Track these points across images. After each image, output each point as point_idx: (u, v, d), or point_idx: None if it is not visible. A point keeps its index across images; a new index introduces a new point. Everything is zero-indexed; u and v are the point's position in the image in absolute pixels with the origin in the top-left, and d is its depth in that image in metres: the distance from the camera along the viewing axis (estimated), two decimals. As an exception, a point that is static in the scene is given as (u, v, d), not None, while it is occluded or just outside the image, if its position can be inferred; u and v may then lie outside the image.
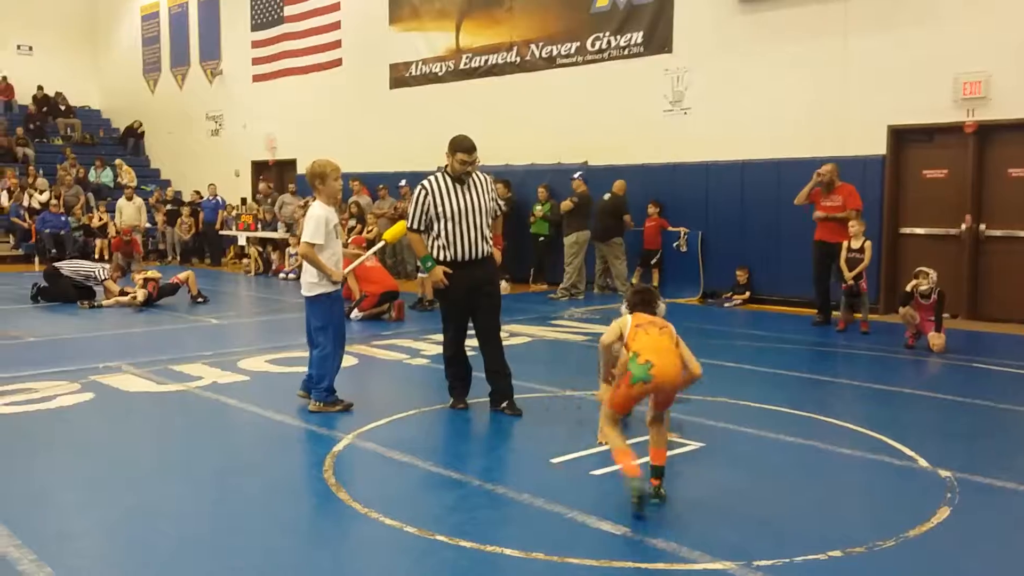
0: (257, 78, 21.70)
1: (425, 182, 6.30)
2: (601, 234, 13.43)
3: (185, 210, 20.34)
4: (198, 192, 21.30)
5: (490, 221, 6.37)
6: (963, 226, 11.29)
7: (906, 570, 3.79)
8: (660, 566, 3.78)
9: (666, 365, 4.31)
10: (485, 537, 4.07)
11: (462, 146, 6.21)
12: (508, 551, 3.92)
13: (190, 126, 23.75)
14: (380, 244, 7.63)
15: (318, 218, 6.18)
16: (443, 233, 6.22)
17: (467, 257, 6.24)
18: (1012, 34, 10.62)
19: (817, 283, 10.72)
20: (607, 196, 13.47)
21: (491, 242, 6.38)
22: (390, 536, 4.14)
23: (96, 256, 17.80)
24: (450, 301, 6.39)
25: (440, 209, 6.19)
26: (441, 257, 6.26)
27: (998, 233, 11.16)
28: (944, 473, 5.01)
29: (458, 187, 6.25)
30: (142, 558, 3.94)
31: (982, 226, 11.24)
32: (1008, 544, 4.13)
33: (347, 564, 3.90)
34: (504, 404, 6.34)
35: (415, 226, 6.31)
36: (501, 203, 6.70)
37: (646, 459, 4.64)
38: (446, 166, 6.32)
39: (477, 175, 6.36)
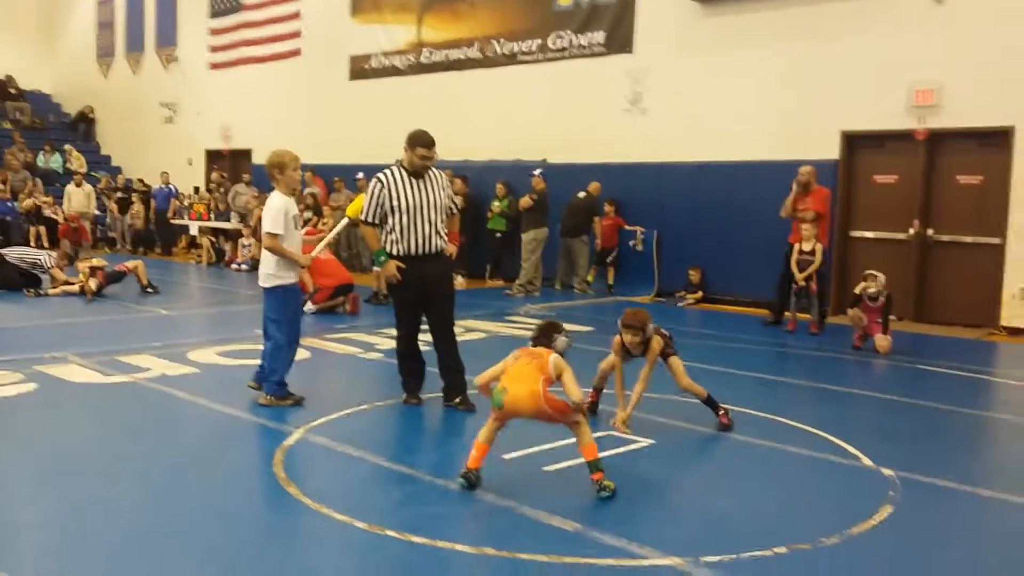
0: (214, 66, 21.40)
1: (381, 175, 6.28)
2: (571, 230, 13.56)
3: (136, 198, 19.99)
4: (142, 180, 20.92)
5: (444, 217, 6.36)
6: (911, 231, 11.53)
7: (849, 566, 3.86)
8: (610, 561, 3.81)
9: (518, 393, 4.57)
10: (436, 532, 4.06)
11: (422, 141, 6.19)
12: (459, 546, 3.92)
13: (143, 113, 23.34)
14: (344, 221, 7.55)
15: (277, 208, 6.14)
16: (397, 227, 6.20)
17: (420, 251, 6.23)
18: (964, 45, 10.86)
19: (781, 283, 10.75)
20: (582, 194, 13.59)
21: (445, 237, 6.37)
22: (340, 531, 4.12)
23: (32, 243, 17.29)
24: (403, 295, 6.38)
25: (395, 203, 6.17)
26: (394, 251, 6.25)
27: (945, 238, 11.42)
28: (887, 472, 5.12)
29: (414, 181, 6.23)
30: (87, 552, 3.87)
31: (930, 231, 11.49)
32: (948, 542, 4.24)
33: (296, 559, 3.86)
34: (457, 399, 6.33)
35: (369, 219, 6.28)
36: (457, 200, 6.69)
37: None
38: (402, 160, 6.30)
39: (433, 171, 6.35)
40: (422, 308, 6.40)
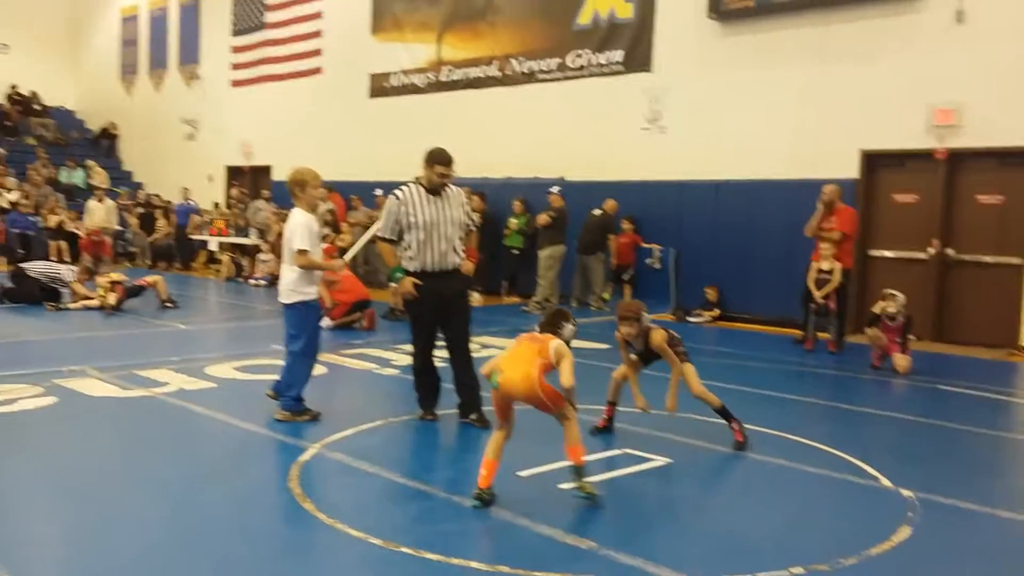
0: (235, 83, 21.61)
1: (398, 191, 6.31)
2: (587, 247, 13.59)
3: (159, 214, 20.17)
4: (159, 196, 21.09)
5: (461, 234, 6.38)
6: (931, 250, 11.46)
7: (866, 589, 3.82)
8: (624, 581, 3.79)
9: (512, 375, 4.63)
10: (450, 550, 4.06)
11: (441, 159, 6.23)
12: (473, 564, 3.91)
13: (165, 129, 23.59)
14: (370, 232, 7.64)
15: (303, 225, 6.22)
16: (414, 243, 6.23)
17: (437, 268, 6.26)
18: (985, 64, 10.82)
19: (804, 302, 10.68)
20: (598, 212, 13.62)
21: (462, 254, 6.39)
22: (355, 547, 4.12)
23: (54, 258, 17.45)
24: (419, 312, 6.38)
25: (412, 219, 6.20)
26: (411, 268, 6.27)
27: (965, 258, 11.33)
28: (906, 493, 5.07)
29: (431, 198, 6.26)
30: (103, 566, 3.89)
31: (949, 250, 11.41)
32: (967, 564, 4.19)
33: (312, 574, 3.87)
34: (473, 416, 6.33)
35: (386, 235, 6.33)
36: (475, 217, 6.71)
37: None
38: (420, 177, 6.33)
39: (450, 188, 6.38)
40: (438, 324, 6.41)
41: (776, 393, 7.93)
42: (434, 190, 6.26)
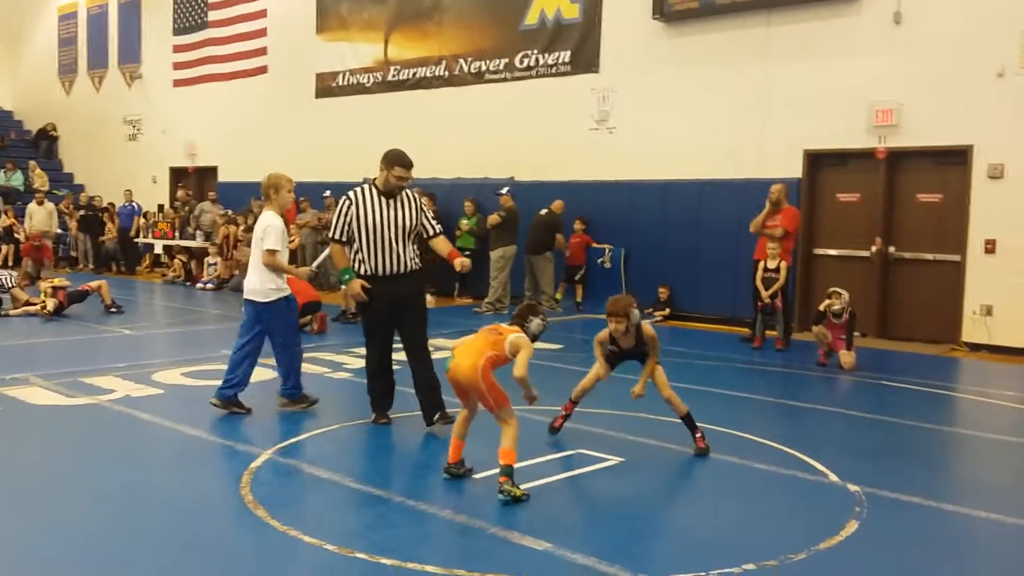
0: (178, 83, 21.24)
1: (351, 193, 6.25)
2: (533, 247, 13.62)
3: (105, 216, 19.73)
4: (100, 198, 20.67)
5: (415, 238, 6.32)
6: (873, 248, 11.71)
7: (816, 583, 3.90)
8: (580, 581, 3.81)
9: (461, 361, 4.88)
10: (406, 554, 4.04)
11: (401, 161, 6.15)
12: (429, 568, 3.90)
13: (106, 130, 23.09)
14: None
15: (277, 227, 6.51)
16: (364, 247, 6.17)
17: (388, 271, 6.19)
18: (923, 66, 11.09)
19: (754, 302, 10.83)
20: (544, 212, 13.65)
21: (416, 258, 6.33)
22: (309, 554, 4.09)
23: (-1, 264, 17.04)
24: (372, 315, 6.33)
25: (363, 221, 6.14)
26: (362, 271, 6.22)
27: (906, 255, 11.60)
28: (853, 488, 5.18)
29: (384, 201, 6.20)
30: (48, 578, 3.80)
31: (891, 248, 11.68)
32: (911, 556, 4.29)
33: (264, 582, 3.83)
34: (437, 416, 6.19)
35: (336, 236, 6.27)
36: (435, 224, 6.47)
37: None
38: (375, 179, 6.27)
39: (408, 192, 6.32)
40: (393, 327, 6.37)
41: (725, 391, 8.04)
42: (389, 192, 6.20)
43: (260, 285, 6.54)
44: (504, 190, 13.84)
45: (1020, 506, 5.02)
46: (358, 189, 6.27)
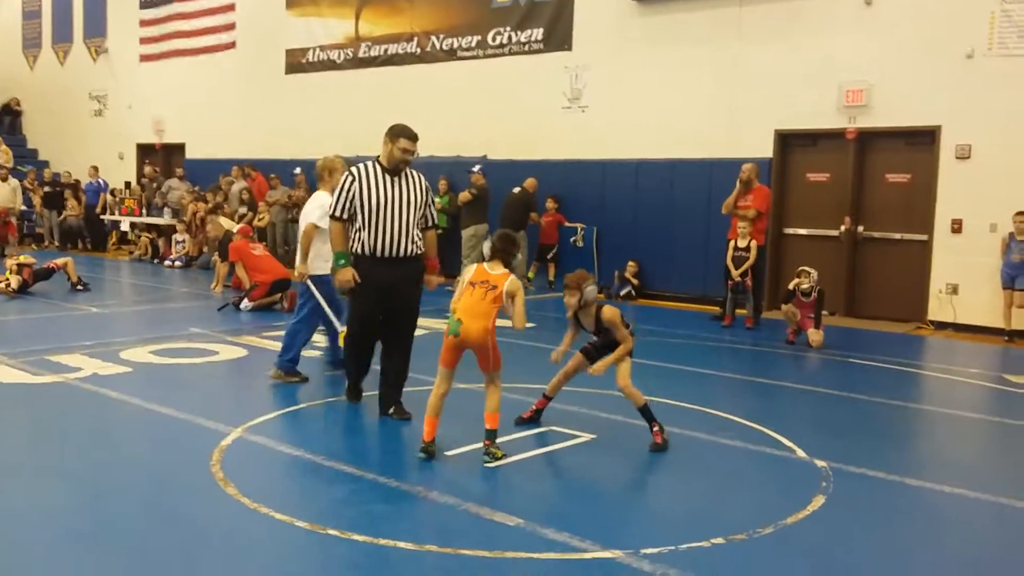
0: (145, 58, 20.90)
1: (354, 169, 5.94)
2: (506, 225, 13.56)
3: (68, 193, 19.41)
4: (69, 173, 20.35)
5: (419, 222, 6.00)
6: (843, 228, 11.82)
7: (783, 555, 3.96)
8: (552, 555, 3.84)
9: (471, 327, 4.99)
10: (378, 531, 4.05)
11: (405, 132, 5.87)
12: (401, 544, 3.91)
13: (72, 105, 22.68)
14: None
15: (325, 207, 6.46)
16: (366, 224, 5.83)
17: (388, 253, 5.86)
18: (893, 47, 11.17)
19: (725, 281, 10.88)
20: (517, 190, 13.61)
21: (420, 243, 6.00)
22: (280, 531, 4.08)
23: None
24: (363, 298, 5.95)
25: (366, 198, 5.81)
26: (362, 251, 5.87)
27: (875, 235, 11.73)
28: (820, 463, 5.25)
29: (389, 178, 5.88)
30: (17, 559, 3.76)
31: (860, 228, 11.79)
32: (877, 530, 4.36)
33: (235, 561, 3.81)
34: (393, 409, 6.04)
35: (337, 213, 5.91)
36: (435, 212, 6.23)
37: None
38: (378, 156, 5.96)
39: (412, 172, 6.01)
40: (380, 315, 6.01)
41: (696, 368, 8.10)
42: (394, 169, 5.88)
43: (320, 260, 6.85)
44: (476, 168, 13.79)
45: (982, 480, 5.11)
46: (362, 165, 5.94)
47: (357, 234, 5.92)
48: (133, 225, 18.15)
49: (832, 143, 11.87)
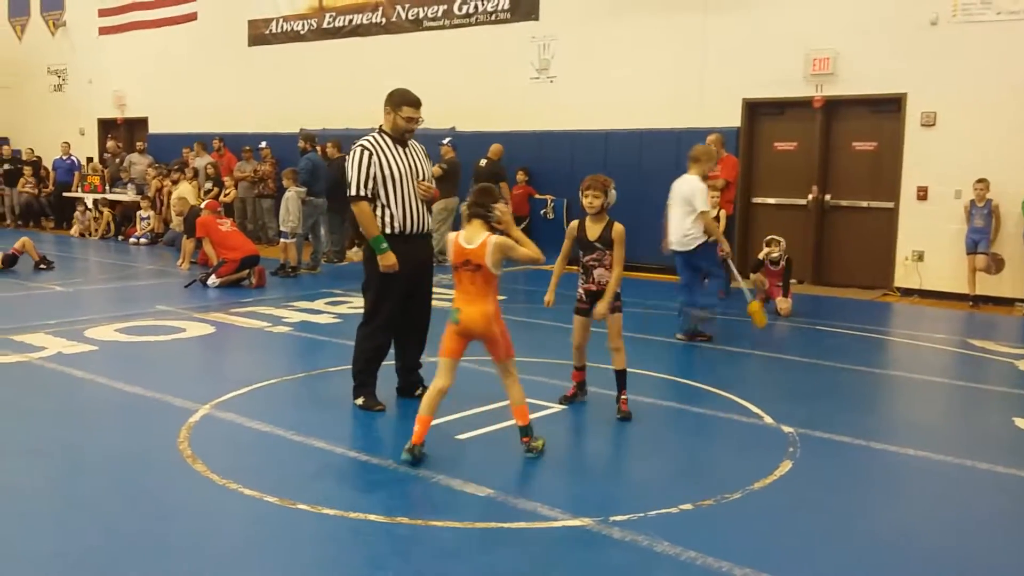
0: (104, 31, 20.48)
1: (365, 141, 5.45)
2: None
3: (27, 170, 19.03)
4: (31, 150, 19.95)
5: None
6: (810, 196, 11.89)
7: (750, 519, 4.00)
8: (521, 525, 3.85)
9: (471, 311, 4.62)
10: (348, 504, 4.04)
11: (407, 99, 5.44)
12: (372, 517, 3.91)
13: (30, 80, 22.20)
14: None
15: (703, 190, 7.50)
16: (391, 200, 5.39)
17: (414, 230, 5.49)
18: (858, 13, 11.20)
19: None
20: (483, 162, 13.50)
21: (430, 218, 5.70)
22: (250, 506, 4.05)
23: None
24: (392, 284, 5.46)
25: (386, 172, 5.36)
26: (387, 230, 5.42)
27: (842, 203, 11.82)
28: (787, 429, 5.31)
29: (400, 149, 5.49)
30: (-22, 538, 3.72)
31: (827, 196, 11.87)
32: (842, 493, 4.43)
33: (203, 536, 3.78)
34: (420, 390, 5.75)
35: (362, 192, 5.36)
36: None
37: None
38: (380, 126, 5.58)
39: (414, 142, 5.65)
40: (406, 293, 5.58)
41: (666, 338, 8.14)
42: (401, 139, 5.51)
43: (682, 235, 7.78)
44: (445, 141, 13.68)
45: (946, 443, 5.20)
46: (370, 137, 5.48)
47: (382, 212, 5.44)
48: (96, 202, 17.85)
49: (799, 112, 11.91)
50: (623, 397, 5.56)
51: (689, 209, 7.85)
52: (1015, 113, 10.36)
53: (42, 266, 11.94)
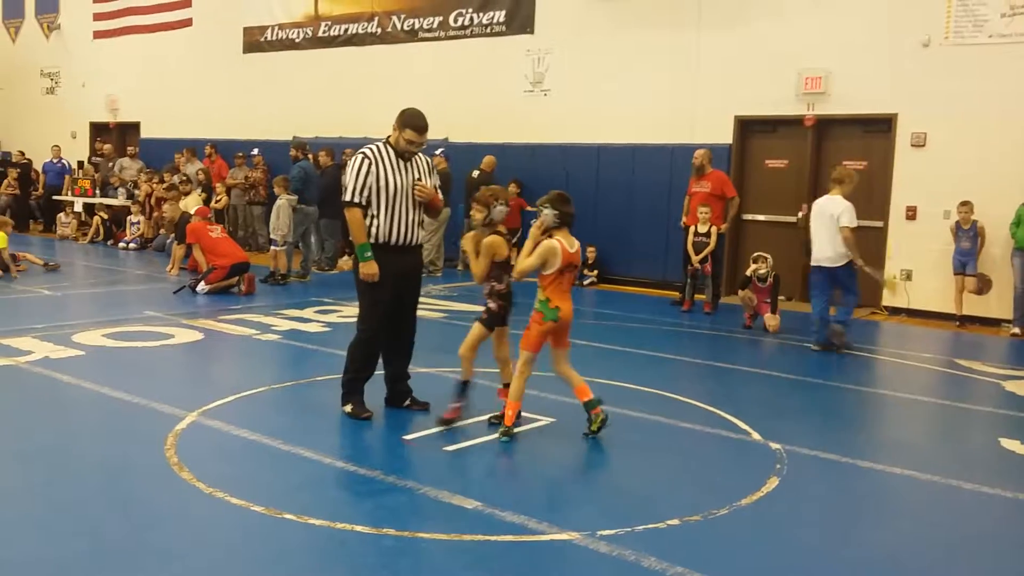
0: (98, 35, 20.44)
1: (367, 150, 5.61)
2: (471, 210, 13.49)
3: (12, 172, 18.91)
4: (22, 152, 19.87)
5: (423, 206, 5.74)
6: (800, 214, 11.94)
7: (737, 535, 4.01)
8: (508, 538, 3.85)
9: (569, 308, 5.23)
10: (335, 515, 4.03)
11: (413, 123, 5.58)
12: (359, 528, 3.89)
13: (23, 83, 22.12)
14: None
15: (851, 209, 8.08)
16: (381, 212, 5.54)
17: (402, 241, 5.62)
18: (851, 33, 11.28)
19: (684, 266, 10.96)
20: (476, 173, 13.52)
21: (423, 232, 5.84)
22: (236, 515, 4.04)
23: None
24: (380, 292, 5.60)
25: (382, 183, 5.52)
26: (376, 239, 5.56)
27: (831, 221, 11.84)
28: (775, 446, 5.33)
29: (401, 163, 5.62)
30: (-39, 543, 3.69)
31: (817, 214, 11.90)
32: (829, 510, 4.44)
33: (188, 545, 3.76)
34: (408, 401, 5.87)
35: (357, 199, 5.51)
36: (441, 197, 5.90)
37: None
38: (387, 137, 5.70)
39: (422, 157, 5.78)
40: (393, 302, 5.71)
41: (655, 352, 8.16)
42: (403, 154, 5.63)
43: (832, 253, 8.37)
44: (438, 152, 13.70)
45: (933, 462, 5.22)
46: (374, 147, 5.62)
47: (372, 221, 5.57)
48: (87, 206, 17.78)
49: (790, 130, 11.98)
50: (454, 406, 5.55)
51: (835, 228, 8.47)
52: (1005, 135, 10.44)
53: (21, 269, 11.84)
